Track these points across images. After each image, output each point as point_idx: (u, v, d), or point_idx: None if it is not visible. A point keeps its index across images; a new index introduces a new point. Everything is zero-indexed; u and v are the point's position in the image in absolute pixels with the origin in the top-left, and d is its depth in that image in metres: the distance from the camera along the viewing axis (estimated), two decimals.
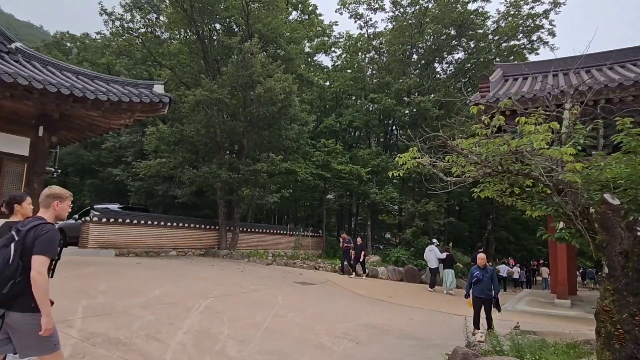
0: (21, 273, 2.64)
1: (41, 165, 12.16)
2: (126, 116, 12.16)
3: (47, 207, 2.94)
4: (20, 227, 2.77)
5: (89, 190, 27.39)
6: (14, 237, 2.72)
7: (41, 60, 12.32)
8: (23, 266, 2.65)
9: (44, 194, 2.98)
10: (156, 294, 7.90)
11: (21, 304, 2.66)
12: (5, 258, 2.65)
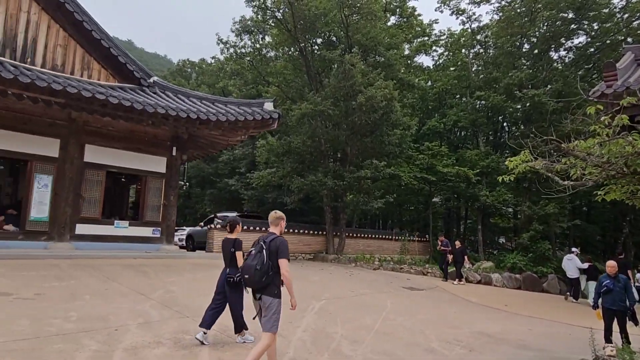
0: (270, 269, 3.87)
1: (175, 180, 14.02)
2: (242, 133, 13.47)
3: (276, 225, 4.21)
4: (265, 240, 4.01)
5: (209, 200, 30.49)
6: (263, 246, 3.97)
7: (173, 90, 14.26)
8: (271, 265, 3.87)
9: (273, 216, 4.26)
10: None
11: (270, 290, 3.91)
12: (261, 260, 3.89)
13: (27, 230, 11.30)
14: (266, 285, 3.90)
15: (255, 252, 3.99)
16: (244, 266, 4.08)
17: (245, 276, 4.00)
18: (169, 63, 76.31)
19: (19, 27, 11.80)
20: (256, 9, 19.29)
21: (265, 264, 3.87)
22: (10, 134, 10.97)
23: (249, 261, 3.97)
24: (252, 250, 4.06)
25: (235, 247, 5.25)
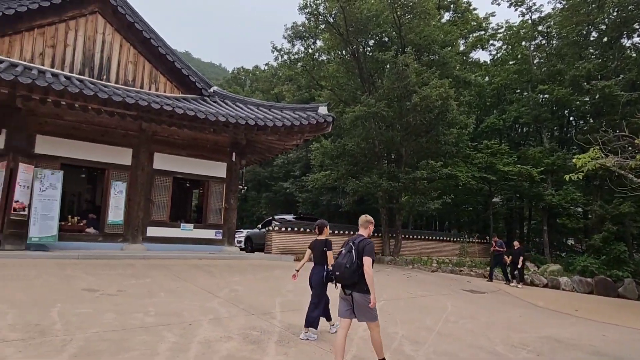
0: (358, 268, 4.23)
1: (235, 184, 14.64)
2: (297, 137, 13.81)
3: (365, 228, 4.63)
4: (354, 241, 4.39)
5: (264, 202, 31.39)
6: (352, 247, 4.34)
7: (231, 99, 14.92)
8: (359, 264, 4.23)
9: (364, 220, 4.70)
10: (334, 295, 8.79)
11: (359, 287, 4.25)
12: (350, 259, 4.26)
13: (106, 233, 12.34)
14: (356, 282, 4.25)
15: (345, 252, 4.36)
16: (335, 264, 4.46)
17: (336, 273, 4.39)
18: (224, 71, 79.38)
19: (95, 48, 12.95)
20: (308, 16, 19.68)
21: (354, 263, 4.23)
22: (90, 145, 12.05)
23: (340, 260, 4.37)
24: (343, 250, 4.45)
25: (326, 247, 5.72)
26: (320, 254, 5.75)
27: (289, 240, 16.28)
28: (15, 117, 10.85)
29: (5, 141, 10.81)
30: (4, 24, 11.34)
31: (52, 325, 4.89)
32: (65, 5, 12.18)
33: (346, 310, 4.42)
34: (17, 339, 4.36)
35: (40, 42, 12.09)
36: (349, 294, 4.33)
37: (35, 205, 10.82)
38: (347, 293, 4.36)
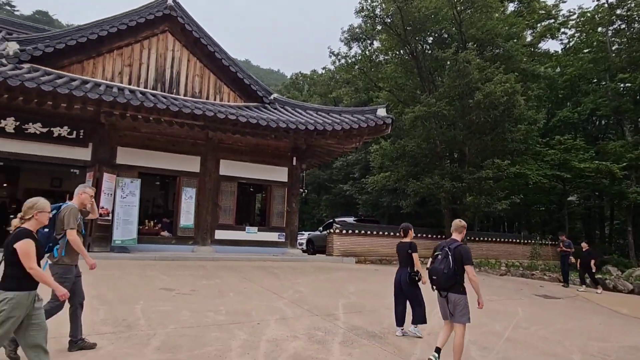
0: (455, 273, 4.45)
1: (296, 187, 15.01)
2: (356, 140, 13.88)
3: (459, 232, 4.78)
4: (450, 246, 4.57)
5: (325, 205, 31.69)
6: (448, 252, 4.52)
7: (291, 105, 15.33)
8: (456, 270, 4.44)
9: (458, 225, 4.81)
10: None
11: (456, 289, 4.48)
12: (447, 264, 4.46)
13: (178, 236, 13.20)
14: (452, 285, 4.47)
15: (442, 257, 4.56)
16: (431, 269, 4.64)
17: (433, 277, 4.60)
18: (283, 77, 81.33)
19: (166, 64, 13.93)
20: (365, 18, 19.69)
21: (451, 268, 4.44)
22: (163, 155, 12.97)
23: (437, 265, 4.57)
24: (438, 255, 4.64)
25: (411, 249, 5.88)
26: (405, 256, 5.94)
27: (350, 242, 16.35)
28: (100, 132, 11.97)
29: (92, 154, 11.96)
30: (89, 48, 12.58)
31: (137, 320, 5.37)
32: (140, 27, 13.25)
33: (446, 312, 4.67)
34: (108, 332, 4.86)
35: (119, 62, 13.24)
36: (444, 295, 4.56)
37: (118, 211, 11.86)
38: (442, 295, 4.59)
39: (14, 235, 3.21)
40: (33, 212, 3.32)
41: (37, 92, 9.90)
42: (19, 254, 3.11)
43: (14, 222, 3.33)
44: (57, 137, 11.50)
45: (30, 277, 3.17)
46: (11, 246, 3.14)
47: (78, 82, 11.29)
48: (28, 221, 3.31)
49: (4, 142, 11.01)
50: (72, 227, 4.22)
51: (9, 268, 3.16)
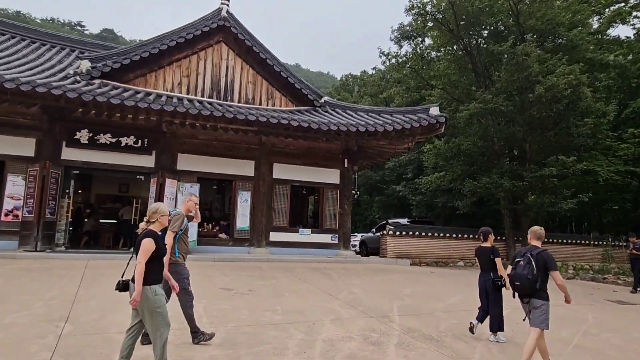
0: (539, 279, 4.43)
1: (348, 189, 15.03)
2: (408, 140, 13.66)
3: (539, 239, 4.77)
4: (532, 252, 4.57)
5: (377, 206, 31.34)
6: (530, 258, 4.52)
7: (342, 107, 15.40)
8: (540, 275, 4.43)
9: (539, 232, 4.78)
10: (453, 300, 8.50)
11: (539, 295, 4.46)
12: (531, 270, 4.45)
13: (235, 238, 13.67)
14: (536, 291, 4.46)
15: (524, 263, 4.55)
16: (514, 275, 4.63)
17: (516, 283, 4.58)
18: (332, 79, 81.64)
19: (221, 73, 14.51)
20: (415, 16, 19.32)
21: (535, 274, 4.43)
22: (219, 160, 13.52)
23: (519, 271, 4.56)
24: (520, 261, 4.63)
25: (493, 254, 5.94)
26: (487, 261, 5.97)
27: (404, 244, 16.09)
28: (162, 140, 12.71)
29: (155, 161, 12.72)
30: (151, 61, 13.41)
31: (200, 318, 5.65)
32: (197, 39, 13.92)
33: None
34: (174, 328, 5.13)
35: (178, 73, 13.99)
36: (526, 302, 4.58)
37: None
38: (524, 301, 4.61)
39: (143, 235, 3.65)
40: (157, 216, 3.78)
41: (107, 106, 10.71)
42: (139, 250, 3.51)
43: (141, 225, 3.79)
44: (124, 146, 12.35)
45: (159, 271, 3.68)
46: (139, 243, 3.56)
47: (142, 94, 12.08)
48: (152, 224, 3.76)
49: (79, 152, 12.02)
50: (173, 230, 4.63)
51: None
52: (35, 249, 10.80)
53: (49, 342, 4.40)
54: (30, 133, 11.65)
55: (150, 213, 3.79)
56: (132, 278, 3.58)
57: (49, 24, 66.57)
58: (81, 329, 4.92)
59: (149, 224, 3.75)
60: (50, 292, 6.67)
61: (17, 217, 11.26)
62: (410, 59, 22.95)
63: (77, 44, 16.64)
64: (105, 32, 75.85)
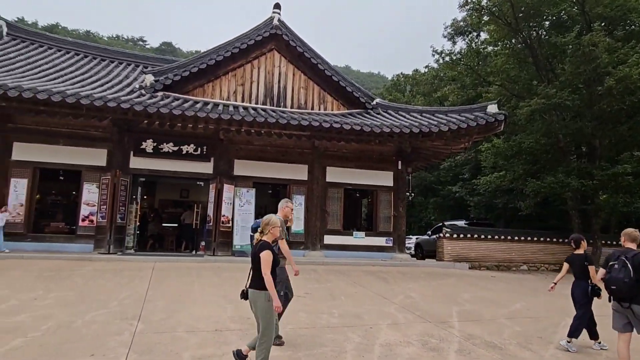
0: (637, 282, 4.25)
1: (402, 192, 14.80)
2: (465, 140, 13.23)
3: (633, 241, 4.62)
4: (627, 255, 4.43)
5: (432, 208, 30.52)
6: (625, 261, 4.38)
7: (394, 108, 15.22)
8: (637, 278, 4.25)
9: (635, 234, 4.65)
10: (517, 307, 8.11)
11: (638, 299, 4.26)
12: (627, 273, 4.30)
13: (291, 241, 13.85)
14: (635, 295, 4.28)
15: (620, 267, 4.42)
16: (609, 279, 4.48)
17: (612, 287, 4.43)
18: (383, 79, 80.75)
19: (274, 80, 14.88)
20: (470, 11, 18.66)
21: (632, 277, 4.28)
22: (274, 165, 13.84)
23: (615, 274, 4.42)
24: (614, 264, 4.50)
25: (587, 260, 5.83)
26: (580, 268, 5.83)
27: (462, 247, 15.56)
28: (219, 147, 13.25)
29: (214, 167, 13.27)
30: (208, 72, 14.03)
31: None
32: (250, 49, 14.39)
33: (624, 324, 4.46)
34: (236, 328, 5.35)
35: (233, 82, 14.52)
36: (626, 306, 4.37)
37: (237, 219, 12.95)
38: (624, 306, 4.40)
39: (259, 247, 3.93)
40: (269, 228, 4.01)
41: (169, 116, 11.35)
42: (261, 262, 3.81)
43: (256, 236, 4.07)
44: (185, 154, 13.01)
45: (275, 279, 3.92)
46: (258, 256, 3.85)
47: (200, 104, 12.68)
48: (265, 235, 3.99)
49: (144, 161, 12.82)
50: (281, 237, 4.89)
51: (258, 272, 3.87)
52: (108, 252, 11.64)
53: (125, 339, 4.74)
54: (102, 144, 12.60)
55: (263, 225, 4.04)
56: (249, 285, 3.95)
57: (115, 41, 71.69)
58: (152, 328, 5.24)
59: (262, 235, 4.00)
60: (123, 292, 7.17)
61: (92, 222, 12.20)
62: (465, 56, 22.15)
63: (141, 59, 17.83)
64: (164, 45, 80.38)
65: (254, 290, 3.88)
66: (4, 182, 11.75)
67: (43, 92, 10.33)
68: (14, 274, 8.21)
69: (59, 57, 15.76)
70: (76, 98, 10.51)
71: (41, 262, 9.77)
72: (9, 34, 16.05)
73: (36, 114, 11.08)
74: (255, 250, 3.94)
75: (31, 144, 12.08)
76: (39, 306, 5.98)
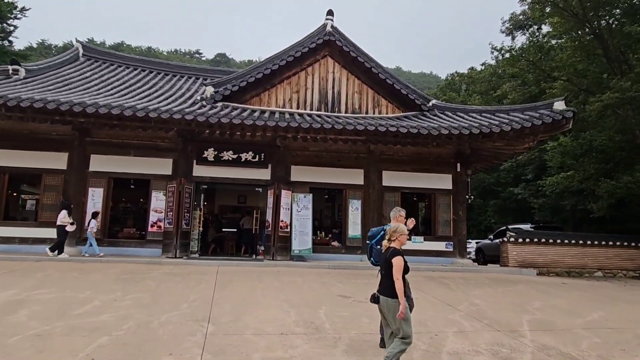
0: None
1: (462, 195, 14.33)
2: (529, 139, 12.60)
3: None
4: None
5: (492, 211, 29.23)
6: None
7: (451, 109, 14.82)
8: None
9: None
10: (594, 317, 7.55)
11: None
12: None
13: (347, 246, 13.91)
14: None
15: None
16: None
17: None
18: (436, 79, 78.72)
19: (328, 85, 15.02)
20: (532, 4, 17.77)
21: None
22: (330, 170, 13.93)
23: None
24: None
25: None
26: None
27: (529, 252, 14.73)
28: (276, 154, 13.56)
29: (271, 173, 13.60)
30: (264, 82, 14.45)
31: (323, 324, 5.88)
32: (304, 56, 14.64)
33: None
34: (300, 332, 5.44)
35: (288, 90, 14.84)
36: None
37: (295, 224, 13.16)
38: None
39: (390, 253, 4.13)
40: (397, 235, 4.22)
41: (229, 126, 11.81)
42: (393, 268, 4.00)
43: (384, 243, 4.29)
44: (244, 162, 13.44)
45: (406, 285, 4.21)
46: (389, 261, 4.04)
47: (258, 112, 13.08)
48: (394, 242, 4.20)
49: (207, 169, 13.41)
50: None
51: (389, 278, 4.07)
52: (175, 256, 12.28)
53: (198, 339, 4.98)
54: (168, 154, 13.35)
55: (390, 232, 4.23)
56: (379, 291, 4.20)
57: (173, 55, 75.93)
58: (222, 329, 5.46)
59: (390, 242, 4.18)
60: (192, 294, 7.53)
61: (160, 228, 12.94)
62: (526, 51, 21.08)
63: (199, 72, 18.79)
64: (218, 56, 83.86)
65: (386, 297, 4.06)
66: (83, 192, 12.78)
67: (116, 107, 11.15)
68: (95, 276, 8.90)
69: (127, 74, 16.96)
70: (145, 112, 11.24)
71: (117, 265, 10.51)
72: (84, 55, 17.52)
73: (110, 128, 11.97)
74: (387, 256, 4.11)
75: (106, 155, 13.05)
76: (118, 307, 6.44)
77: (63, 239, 11.59)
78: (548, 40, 21.53)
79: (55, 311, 6.01)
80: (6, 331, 5.00)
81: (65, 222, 11.55)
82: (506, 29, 21.86)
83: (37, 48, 55.34)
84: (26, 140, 12.69)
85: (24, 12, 25.52)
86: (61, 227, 11.52)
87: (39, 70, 14.74)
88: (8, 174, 13.06)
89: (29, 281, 8.06)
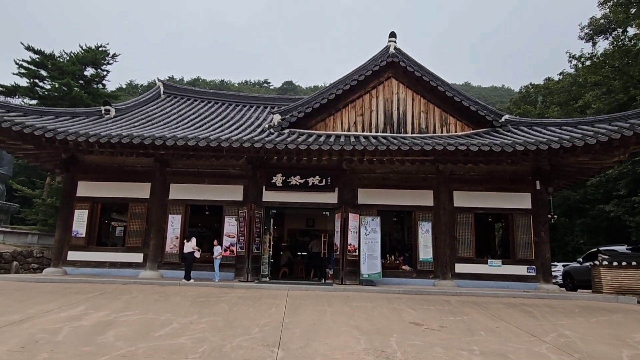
0: None
1: (543, 214, 13.30)
2: (619, 153, 11.48)
3: None
4: None
5: (580, 230, 26.70)
6: None
7: (527, 124, 14.00)
8: None
9: None
10: None
11: None
12: None
13: (418, 270, 13.42)
14: None
15: None
16: None
17: None
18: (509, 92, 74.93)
19: (392, 107, 14.92)
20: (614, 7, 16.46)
21: None
22: (397, 192, 13.69)
23: None
24: None
25: None
26: None
27: (627, 277, 13.14)
28: (343, 177, 13.61)
29: (338, 197, 13.65)
30: (329, 107, 14.73)
31: (394, 353, 5.64)
32: (368, 79, 14.76)
33: None
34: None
35: (353, 113, 14.96)
36: None
37: (363, 247, 12.99)
38: None
39: None
40: None
41: (296, 151, 12.12)
42: None
43: None
44: (311, 186, 13.65)
45: None
46: None
47: (323, 137, 13.29)
48: None
49: (276, 194, 13.79)
50: None
51: None
52: (246, 280, 12.63)
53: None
54: (238, 181, 13.96)
55: None
56: None
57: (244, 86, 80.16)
58: (291, 355, 5.45)
59: None
60: (263, 318, 7.65)
61: (233, 252, 13.44)
62: (610, 56, 19.43)
63: (267, 101, 19.65)
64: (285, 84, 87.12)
65: None
66: (164, 218, 13.71)
67: (192, 139, 11.94)
68: (175, 299, 9.39)
69: (202, 107, 18.20)
70: (218, 142, 11.91)
71: (193, 288, 11.02)
72: (165, 92, 19.13)
73: (187, 158, 12.83)
74: None
75: (183, 184, 13.96)
76: (195, 329, 6.70)
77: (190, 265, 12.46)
78: (635, 43, 19.67)
79: (139, 332, 6.40)
80: (97, 351, 5.41)
81: (194, 249, 12.51)
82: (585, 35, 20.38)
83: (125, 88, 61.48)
84: (115, 173, 13.99)
85: (114, 57, 28.70)
86: (191, 255, 12.45)
87: (126, 109, 16.32)
88: (101, 203, 14.41)
89: (116, 303, 8.70)
